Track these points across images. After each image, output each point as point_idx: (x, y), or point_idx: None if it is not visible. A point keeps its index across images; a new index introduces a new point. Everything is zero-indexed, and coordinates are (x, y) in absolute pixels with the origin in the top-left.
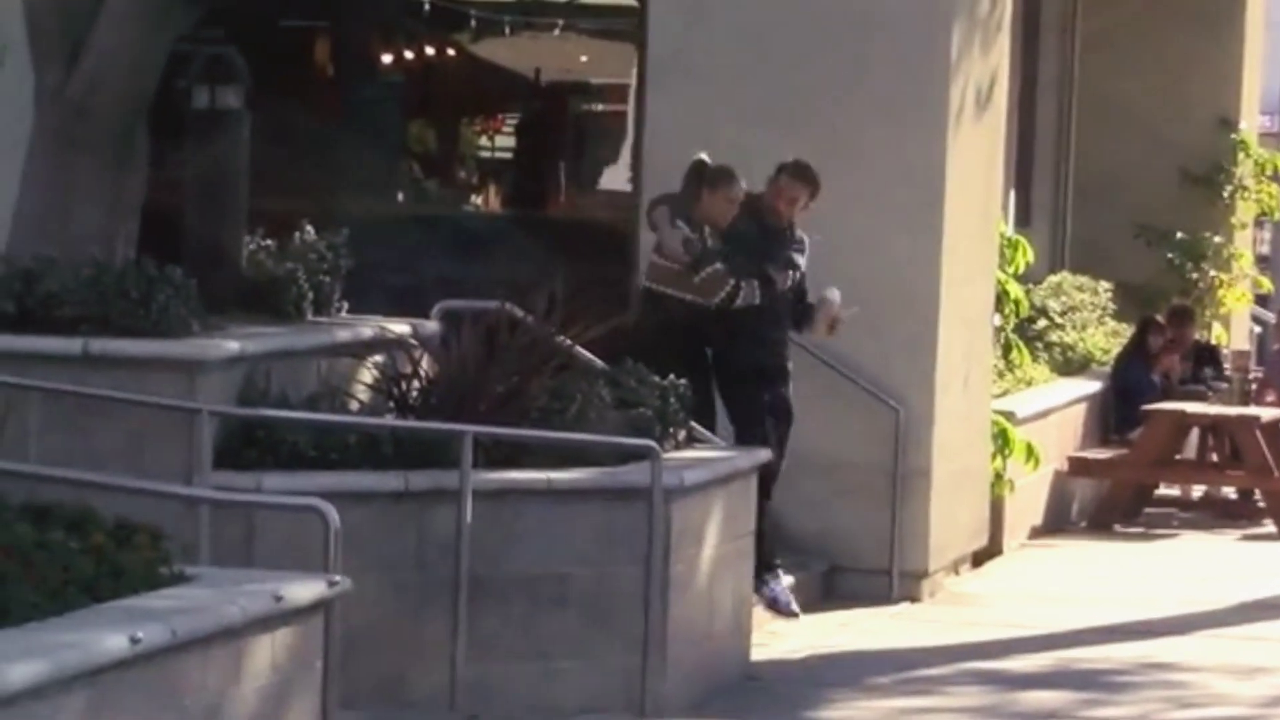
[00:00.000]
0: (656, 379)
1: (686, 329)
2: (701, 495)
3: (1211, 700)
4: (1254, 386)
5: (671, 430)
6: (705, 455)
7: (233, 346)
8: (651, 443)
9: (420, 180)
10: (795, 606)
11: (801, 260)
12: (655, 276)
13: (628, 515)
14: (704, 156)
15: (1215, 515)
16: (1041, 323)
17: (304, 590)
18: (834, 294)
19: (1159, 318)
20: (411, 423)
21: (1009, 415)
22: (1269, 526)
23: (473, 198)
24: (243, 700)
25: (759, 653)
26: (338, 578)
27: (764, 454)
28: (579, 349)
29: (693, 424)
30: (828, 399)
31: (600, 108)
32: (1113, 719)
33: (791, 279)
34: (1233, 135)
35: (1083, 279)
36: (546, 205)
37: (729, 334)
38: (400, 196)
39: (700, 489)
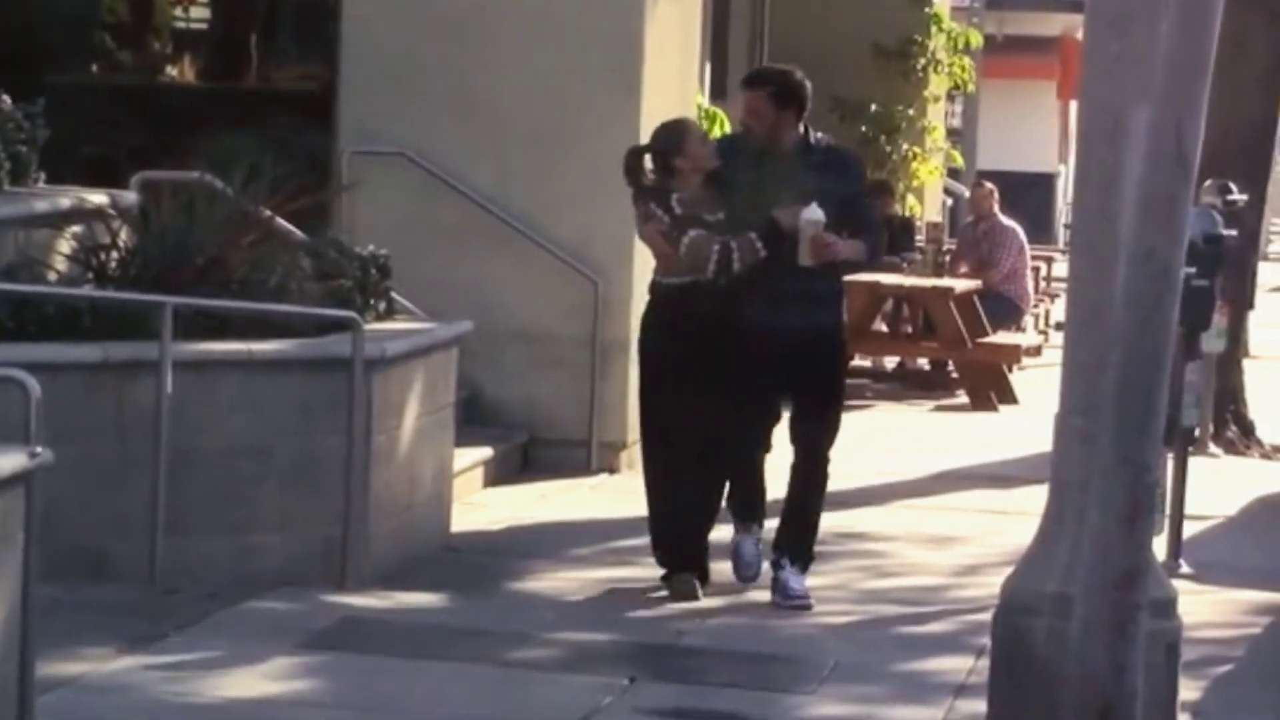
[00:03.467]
0: (357, 250)
1: (694, 318)
2: (403, 366)
3: (906, 569)
4: (947, 258)
5: (372, 301)
6: (406, 326)
7: None
8: (352, 314)
9: (115, 50)
10: (750, 572)
11: (844, 185)
12: (659, 270)
13: (329, 386)
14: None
15: (909, 386)
16: None
17: (5, 462)
18: (813, 213)
19: None
20: (110, 294)
21: None
22: (961, 397)
23: (168, 69)
24: None
25: (460, 524)
26: (39, 449)
27: (466, 325)
28: (279, 220)
29: (394, 295)
30: (528, 270)
31: None
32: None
33: (808, 212)
34: (925, 9)
35: None
36: (244, 77)
37: (746, 299)
38: (95, 67)
39: (401, 360)
